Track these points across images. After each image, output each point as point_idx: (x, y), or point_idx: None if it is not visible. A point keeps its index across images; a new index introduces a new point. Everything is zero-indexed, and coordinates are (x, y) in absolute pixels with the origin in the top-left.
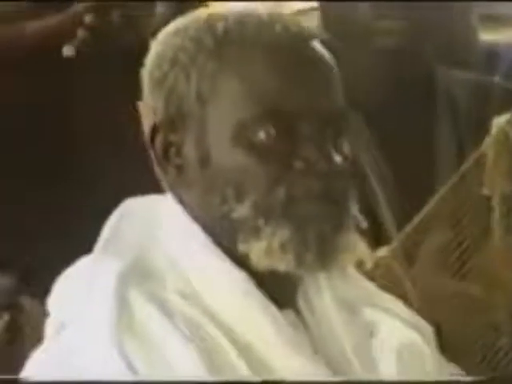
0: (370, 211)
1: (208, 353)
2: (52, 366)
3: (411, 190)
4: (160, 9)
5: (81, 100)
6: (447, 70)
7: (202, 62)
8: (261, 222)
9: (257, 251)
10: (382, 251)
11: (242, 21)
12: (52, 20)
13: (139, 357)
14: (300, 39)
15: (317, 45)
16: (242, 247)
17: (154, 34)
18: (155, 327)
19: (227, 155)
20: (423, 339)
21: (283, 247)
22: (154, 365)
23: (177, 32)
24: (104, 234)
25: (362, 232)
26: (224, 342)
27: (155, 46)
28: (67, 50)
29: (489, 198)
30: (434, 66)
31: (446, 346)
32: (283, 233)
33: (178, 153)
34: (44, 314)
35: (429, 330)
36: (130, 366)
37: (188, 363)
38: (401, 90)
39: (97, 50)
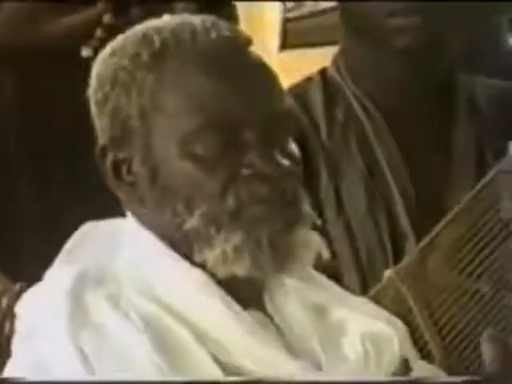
0: (388, 217)
1: (164, 342)
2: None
3: (428, 199)
4: (180, 8)
5: None
6: (470, 76)
7: (140, 78)
8: (212, 230)
9: (212, 260)
10: (390, 271)
11: (177, 32)
12: (71, 20)
13: (92, 348)
14: (235, 46)
15: (253, 50)
16: (197, 257)
17: None
18: (108, 320)
19: (174, 168)
20: (392, 329)
21: (237, 251)
22: (108, 355)
23: (114, 51)
24: (65, 246)
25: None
26: (181, 331)
27: (95, 67)
28: (85, 51)
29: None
30: (456, 69)
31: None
32: (235, 238)
33: (129, 170)
34: None
35: (400, 324)
36: (84, 357)
37: (141, 353)
38: (420, 94)
39: None
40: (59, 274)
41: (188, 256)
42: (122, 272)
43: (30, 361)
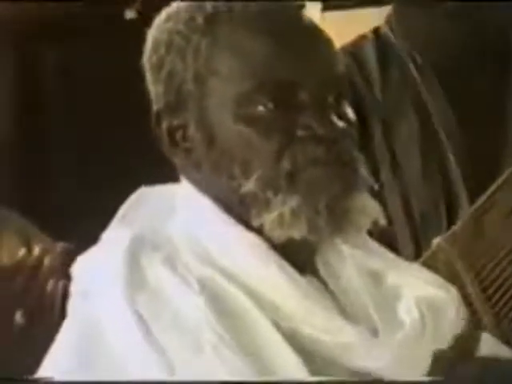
0: (442, 177)
1: (221, 305)
2: (76, 334)
3: (482, 161)
4: None
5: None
6: None
7: (195, 42)
8: (270, 193)
9: (270, 223)
10: (439, 238)
11: None
12: None
13: (149, 311)
14: (287, 9)
15: (307, 15)
16: (255, 222)
17: None
18: (165, 284)
19: (230, 132)
20: (447, 296)
21: (294, 214)
22: (165, 319)
23: (169, 17)
24: (119, 212)
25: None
26: (240, 295)
27: (150, 33)
28: (129, 13)
29: None
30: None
31: None
32: (292, 201)
33: (184, 136)
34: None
35: (455, 292)
36: (141, 319)
37: (199, 315)
38: (472, 53)
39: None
40: (115, 237)
41: (245, 220)
42: (178, 235)
43: (85, 321)
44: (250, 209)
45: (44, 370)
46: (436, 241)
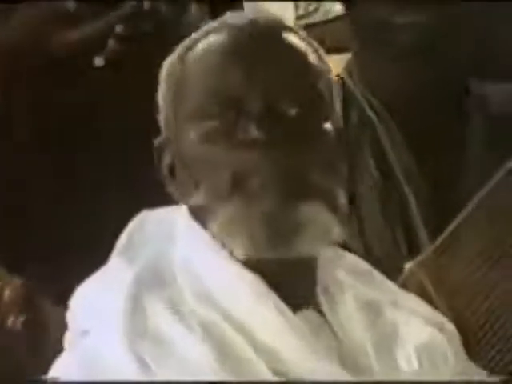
0: (402, 218)
1: (224, 351)
2: (76, 370)
3: (442, 199)
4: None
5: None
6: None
7: (173, 71)
8: (215, 204)
9: (215, 234)
10: (410, 263)
11: (210, 24)
12: (84, 31)
13: (153, 358)
14: (257, 29)
15: (282, 32)
16: (210, 230)
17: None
18: (168, 328)
19: (190, 149)
20: (446, 338)
21: (232, 224)
22: (169, 365)
23: (175, 51)
24: (121, 240)
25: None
26: (240, 341)
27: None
28: (98, 61)
29: None
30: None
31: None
32: (230, 210)
33: (175, 168)
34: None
35: (453, 329)
36: (145, 368)
37: (202, 362)
38: (429, 94)
39: (127, 61)
40: (117, 273)
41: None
42: (180, 272)
43: (87, 360)
44: (200, 219)
45: None
46: (408, 266)
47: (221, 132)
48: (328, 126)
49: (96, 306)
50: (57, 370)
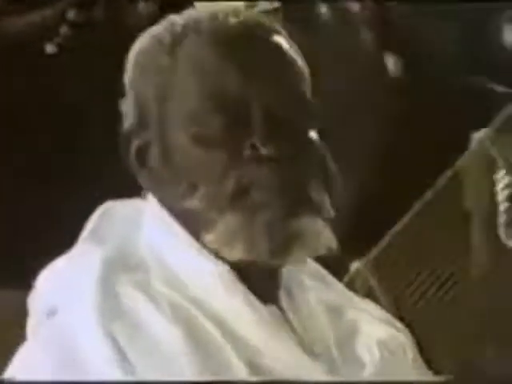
0: None
1: (193, 334)
2: (44, 349)
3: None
4: (141, 8)
5: (62, 97)
6: None
7: (159, 62)
8: (213, 213)
9: (210, 242)
10: (356, 264)
11: (199, 18)
12: (35, 16)
13: (125, 338)
14: (252, 31)
15: (273, 36)
16: (204, 239)
17: (135, 30)
18: (140, 310)
19: (182, 149)
20: (403, 336)
21: (232, 235)
22: (140, 346)
23: (141, 39)
24: (87, 226)
25: None
26: (209, 325)
27: (130, 54)
28: (49, 48)
29: (467, 214)
30: None
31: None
32: (231, 221)
33: (148, 155)
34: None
35: (405, 330)
36: (117, 348)
37: (173, 344)
38: None
39: (79, 47)
40: (86, 255)
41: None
42: (147, 257)
43: (55, 338)
44: (198, 228)
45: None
46: (354, 265)
47: (223, 142)
48: (313, 133)
49: (65, 284)
50: (19, 361)
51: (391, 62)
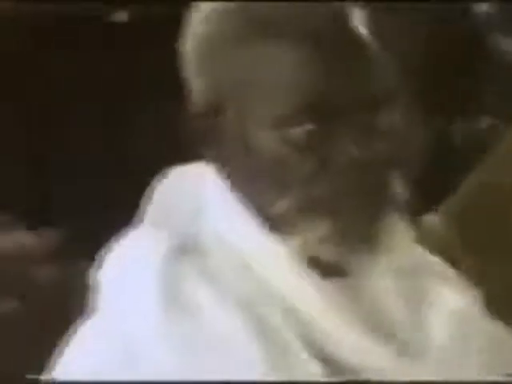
0: None
1: (258, 324)
2: (101, 335)
3: None
4: None
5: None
6: None
7: (241, 49)
8: (298, 217)
9: (294, 247)
10: (430, 215)
11: (281, 8)
12: None
13: (187, 333)
14: (339, 23)
15: (355, 30)
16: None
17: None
18: (202, 298)
19: (266, 148)
20: (476, 305)
21: (320, 242)
22: (203, 342)
23: (212, 17)
24: (151, 206)
25: None
26: (277, 314)
27: (196, 25)
28: (120, 16)
29: None
30: None
31: None
32: (320, 228)
33: (217, 137)
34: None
35: (479, 297)
36: (178, 343)
37: (236, 333)
38: None
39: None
40: (147, 245)
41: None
42: (211, 241)
43: (114, 333)
44: (275, 229)
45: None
46: (427, 217)
47: (313, 146)
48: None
49: (127, 272)
50: (80, 335)
51: None
